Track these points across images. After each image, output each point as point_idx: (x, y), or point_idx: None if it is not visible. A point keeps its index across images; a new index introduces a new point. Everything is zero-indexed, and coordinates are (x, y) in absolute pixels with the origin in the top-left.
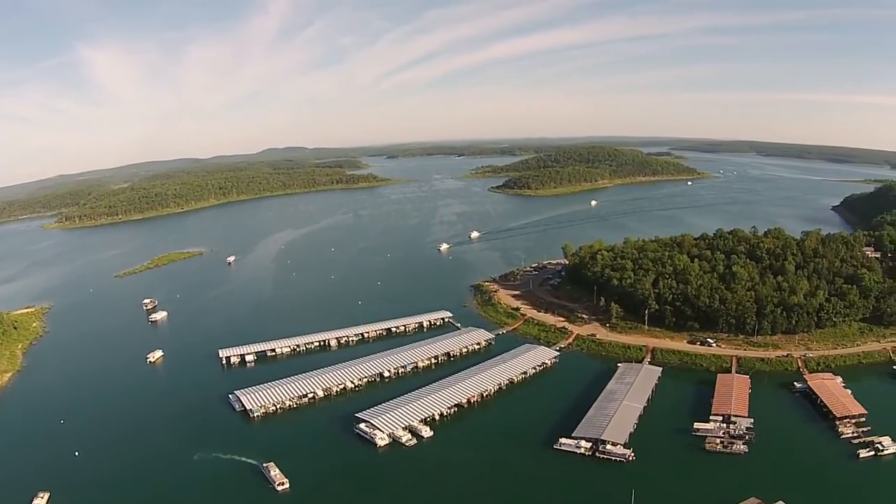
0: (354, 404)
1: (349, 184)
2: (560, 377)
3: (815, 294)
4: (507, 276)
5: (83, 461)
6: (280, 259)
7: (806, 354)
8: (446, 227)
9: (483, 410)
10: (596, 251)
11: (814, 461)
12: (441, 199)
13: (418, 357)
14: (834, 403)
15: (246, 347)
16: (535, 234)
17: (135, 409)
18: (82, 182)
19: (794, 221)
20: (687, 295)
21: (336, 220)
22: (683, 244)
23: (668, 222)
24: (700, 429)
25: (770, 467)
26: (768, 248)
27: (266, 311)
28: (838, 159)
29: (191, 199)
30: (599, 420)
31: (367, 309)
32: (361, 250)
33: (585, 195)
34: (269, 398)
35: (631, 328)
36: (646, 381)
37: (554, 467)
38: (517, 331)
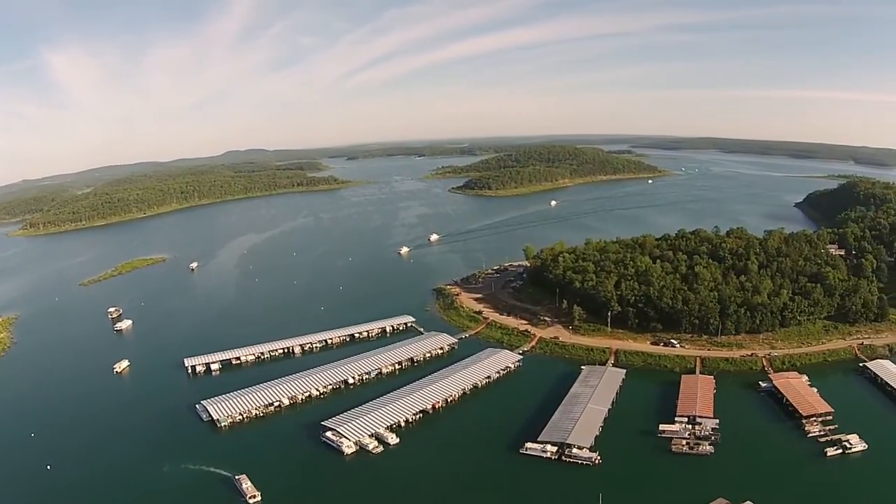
0: (320, 412)
1: (310, 186)
2: (524, 381)
3: (779, 293)
4: (469, 279)
5: (55, 474)
6: (242, 264)
7: (770, 353)
8: (407, 230)
9: (448, 416)
10: (557, 253)
11: (781, 460)
12: (402, 200)
13: (382, 363)
14: (800, 402)
15: (211, 356)
16: (496, 235)
17: (104, 420)
18: (46, 187)
19: (757, 219)
20: (649, 296)
21: (297, 223)
22: (645, 245)
23: (629, 222)
24: (665, 430)
25: (737, 467)
26: (731, 248)
27: (230, 318)
28: (802, 155)
29: (153, 203)
30: (564, 424)
31: (331, 314)
32: (323, 254)
33: (546, 195)
34: (235, 407)
35: (594, 330)
36: (610, 384)
37: (521, 472)
38: (480, 334)
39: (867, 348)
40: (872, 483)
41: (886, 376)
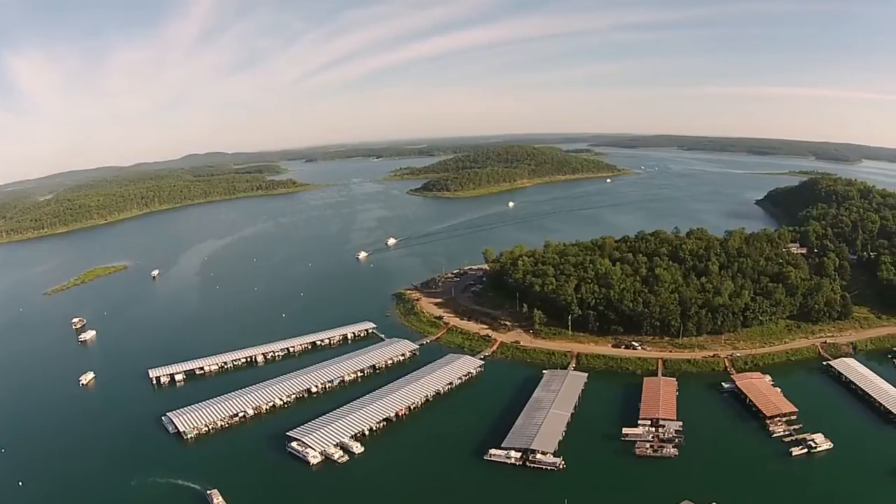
0: (285, 422)
1: (269, 190)
2: (486, 386)
3: (741, 294)
4: (429, 284)
5: (29, 491)
6: (203, 271)
7: (733, 354)
8: (366, 233)
9: (412, 424)
10: (517, 257)
11: (746, 461)
12: (360, 203)
13: (344, 371)
14: (763, 402)
15: (175, 366)
16: (455, 238)
17: (73, 434)
18: (8, 194)
19: (717, 217)
20: (610, 299)
21: (257, 228)
22: (605, 247)
23: (589, 222)
24: (629, 434)
25: (702, 470)
26: (691, 249)
27: (192, 326)
28: (762, 151)
29: (114, 209)
30: (528, 429)
31: (292, 321)
32: (283, 259)
33: (504, 196)
34: (201, 419)
35: (555, 334)
36: (572, 388)
37: (485, 479)
38: (441, 340)
39: (831, 347)
40: (838, 482)
41: (851, 375)
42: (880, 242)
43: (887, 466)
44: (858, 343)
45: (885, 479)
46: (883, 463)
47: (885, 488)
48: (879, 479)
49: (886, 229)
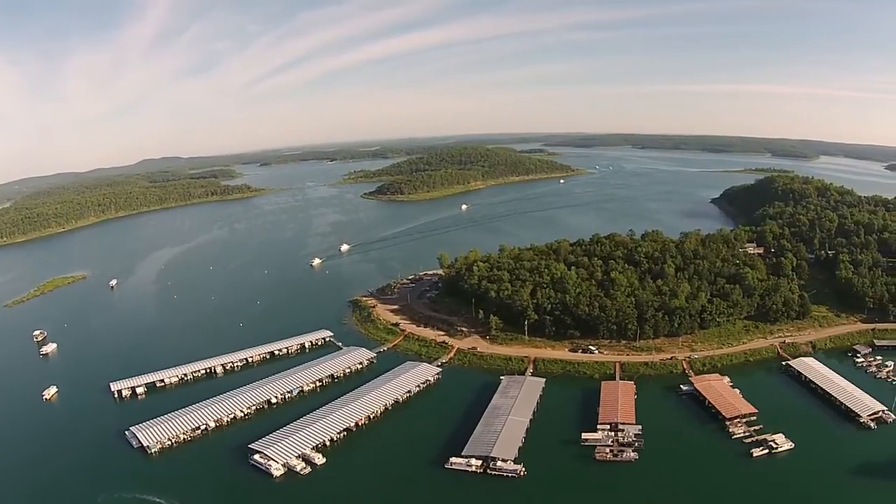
0: (246, 434)
1: (224, 195)
2: (444, 394)
3: (697, 296)
4: (385, 290)
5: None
6: (161, 280)
7: (690, 356)
8: (321, 239)
9: (372, 433)
10: (472, 262)
11: (707, 463)
12: (315, 208)
13: (303, 381)
14: (722, 404)
15: (136, 379)
16: (410, 242)
17: (38, 450)
18: None
19: (673, 217)
20: (566, 304)
21: (213, 235)
22: (560, 251)
23: (543, 224)
24: (588, 439)
25: (662, 473)
26: (647, 251)
27: (152, 337)
28: (717, 149)
29: (71, 217)
30: (487, 437)
31: (250, 330)
32: (239, 267)
33: (458, 198)
34: (164, 433)
35: (511, 339)
36: (530, 394)
37: (447, 487)
38: (398, 347)
39: (790, 346)
40: (800, 482)
41: (810, 374)
42: (838, 241)
43: (848, 465)
44: (817, 342)
45: (847, 478)
46: (844, 462)
47: (847, 487)
48: (841, 477)
49: (844, 228)
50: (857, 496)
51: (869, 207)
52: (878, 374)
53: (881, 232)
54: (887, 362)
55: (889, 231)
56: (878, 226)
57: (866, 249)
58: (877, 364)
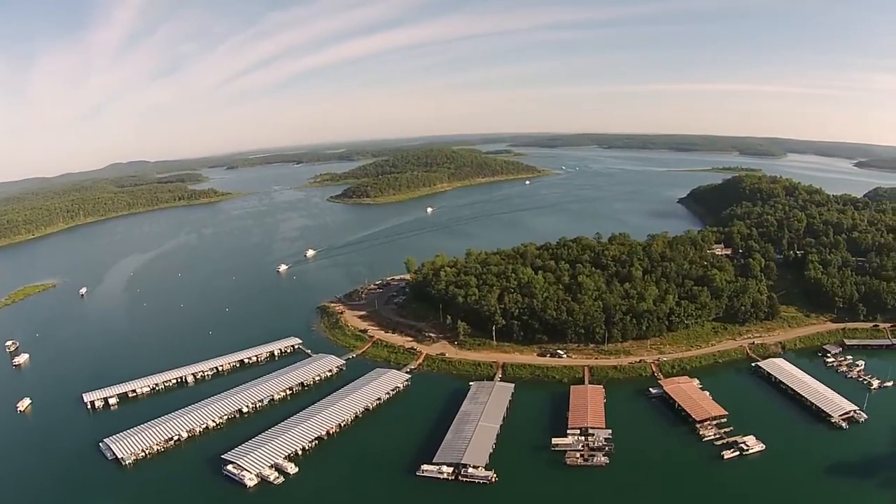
0: (219, 444)
1: (191, 200)
2: (414, 400)
3: (665, 299)
4: (352, 296)
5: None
6: (130, 288)
7: (659, 359)
8: (288, 244)
9: (343, 441)
10: (439, 267)
11: (677, 467)
12: (281, 212)
13: (274, 390)
14: (692, 407)
15: (108, 389)
16: (377, 247)
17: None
18: None
19: (640, 217)
20: (533, 308)
21: (181, 241)
22: (527, 255)
23: (510, 226)
24: (559, 444)
25: (633, 477)
26: (614, 255)
27: (122, 346)
28: (684, 148)
29: (41, 224)
30: (458, 444)
31: (219, 338)
32: (207, 274)
33: (424, 201)
34: (137, 444)
35: (480, 344)
36: (499, 399)
37: (419, 495)
38: (367, 354)
39: (759, 347)
40: (771, 484)
41: (780, 375)
42: (807, 241)
43: (820, 466)
44: (787, 342)
45: (818, 479)
46: (815, 462)
47: (818, 488)
48: (812, 478)
49: (813, 227)
50: (830, 497)
51: (838, 206)
52: (848, 374)
53: (850, 231)
54: (858, 361)
55: (858, 230)
56: (848, 225)
57: (835, 249)
58: (847, 364)
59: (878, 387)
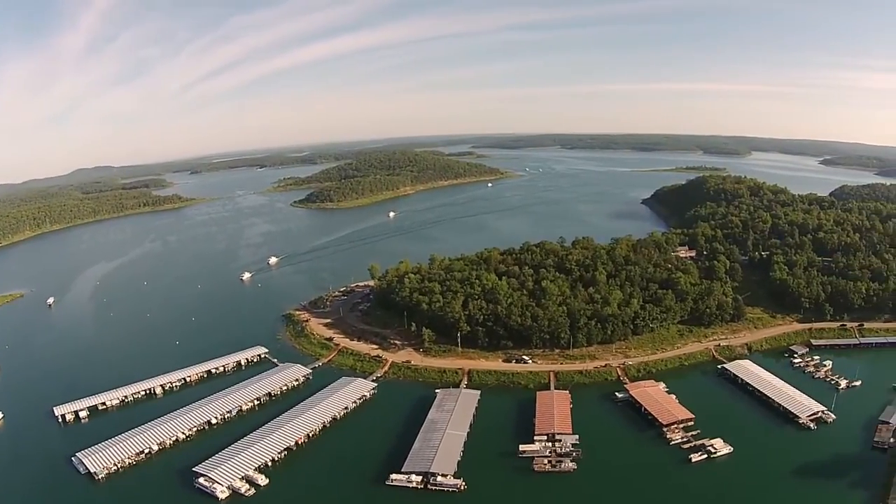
0: (189, 456)
1: (156, 206)
2: (381, 409)
3: (630, 303)
4: (317, 303)
5: None
6: (97, 297)
7: (625, 363)
8: (252, 250)
9: (312, 451)
10: (403, 274)
11: (645, 471)
12: (245, 218)
13: (241, 400)
14: (659, 411)
15: (79, 402)
16: (341, 252)
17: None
18: None
19: (603, 219)
20: (498, 314)
21: (146, 248)
22: (490, 261)
23: (473, 230)
24: (526, 451)
25: (601, 482)
26: (578, 259)
27: (91, 357)
28: (647, 148)
29: (8, 232)
30: (426, 452)
31: (186, 348)
32: (173, 281)
33: (387, 204)
34: (109, 458)
35: (445, 351)
36: (466, 407)
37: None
38: (333, 362)
39: (725, 349)
40: (739, 486)
41: (746, 377)
42: (772, 242)
43: (789, 467)
44: (753, 344)
45: (787, 480)
46: (783, 464)
47: (787, 489)
48: (780, 480)
49: (778, 228)
50: (799, 498)
51: (803, 206)
52: (816, 374)
53: (816, 231)
54: (825, 362)
55: (824, 230)
56: (813, 225)
57: (801, 250)
58: (814, 364)
59: (846, 387)
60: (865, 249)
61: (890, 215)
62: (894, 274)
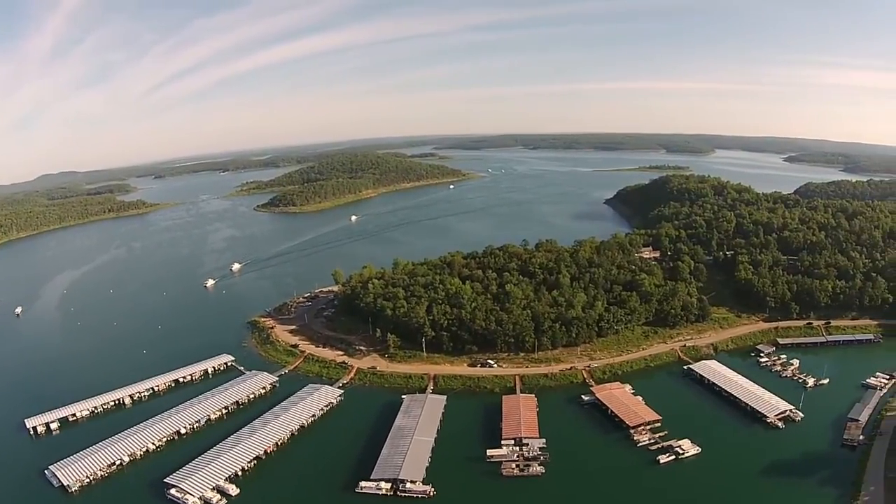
0: (160, 467)
1: (120, 212)
2: (348, 416)
3: (594, 305)
4: (282, 309)
5: None
6: (64, 305)
7: (590, 365)
8: (216, 256)
9: (282, 460)
10: (367, 279)
11: (613, 473)
12: (209, 223)
13: (210, 409)
14: (625, 413)
15: (49, 414)
16: (304, 257)
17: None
18: None
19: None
20: (462, 319)
21: (111, 255)
22: (454, 265)
23: (436, 233)
24: (494, 455)
25: (570, 485)
26: (541, 262)
27: (61, 367)
28: (610, 147)
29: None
30: (394, 459)
31: (153, 357)
32: (139, 288)
33: (350, 208)
34: (82, 470)
35: (410, 357)
36: (432, 412)
37: None
38: (299, 369)
39: (690, 350)
40: (709, 486)
41: (713, 377)
42: (737, 241)
43: (757, 467)
44: (719, 343)
45: (756, 480)
46: (752, 463)
47: (756, 488)
48: (750, 479)
49: (742, 227)
50: (768, 497)
51: (768, 205)
52: (783, 373)
53: (781, 230)
54: (792, 360)
55: (789, 229)
56: (778, 224)
57: (766, 249)
58: (781, 363)
59: (814, 385)
60: (831, 248)
61: (856, 213)
62: (861, 272)
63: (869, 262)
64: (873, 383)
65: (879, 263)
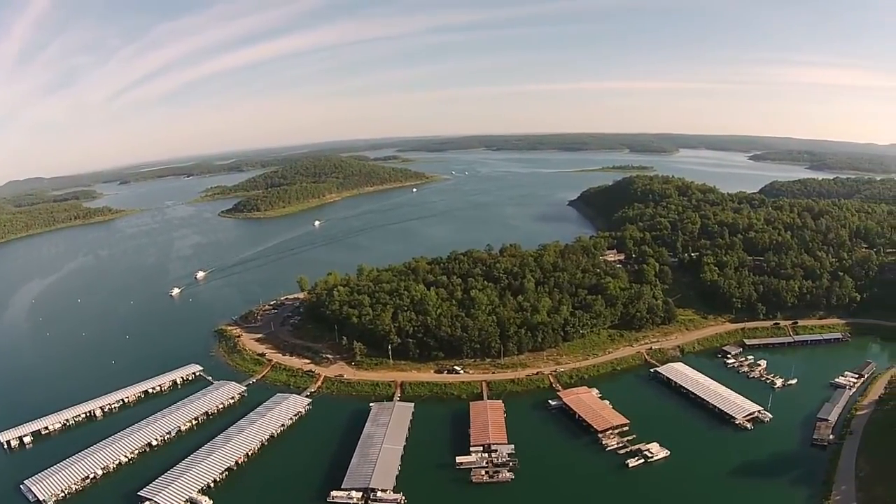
0: (133, 480)
1: (87, 219)
2: (317, 425)
3: (559, 310)
4: (248, 317)
5: None
6: (33, 315)
7: (557, 370)
8: (182, 263)
9: (253, 471)
10: (332, 286)
11: (582, 478)
12: (175, 229)
13: (180, 421)
14: (593, 417)
15: (22, 427)
16: (269, 264)
17: None
18: None
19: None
20: (428, 326)
21: (79, 263)
22: (418, 270)
23: (400, 237)
24: (463, 462)
25: (539, 491)
26: (506, 267)
27: (31, 378)
28: (574, 147)
29: None
30: (364, 468)
31: (122, 367)
32: (106, 297)
33: (314, 213)
34: (57, 485)
35: (377, 364)
36: (401, 420)
37: None
38: (266, 378)
39: (657, 352)
40: (678, 489)
41: (679, 379)
42: (702, 243)
43: (727, 468)
44: (685, 346)
45: (726, 482)
46: (722, 465)
47: (726, 490)
48: (720, 481)
49: (707, 228)
50: (739, 498)
51: (733, 205)
52: (750, 374)
53: (746, 231)
54: (759, 361)
55: (755, 230)
56: (743, 225)
57: (731, 250)
58: (749, 364)
59: (782, 385)
60: (797, 248)
61: (822, 212)
62: (828, 271)
63: (836, 261)
64: (842, 382)
65: (846, 262)
